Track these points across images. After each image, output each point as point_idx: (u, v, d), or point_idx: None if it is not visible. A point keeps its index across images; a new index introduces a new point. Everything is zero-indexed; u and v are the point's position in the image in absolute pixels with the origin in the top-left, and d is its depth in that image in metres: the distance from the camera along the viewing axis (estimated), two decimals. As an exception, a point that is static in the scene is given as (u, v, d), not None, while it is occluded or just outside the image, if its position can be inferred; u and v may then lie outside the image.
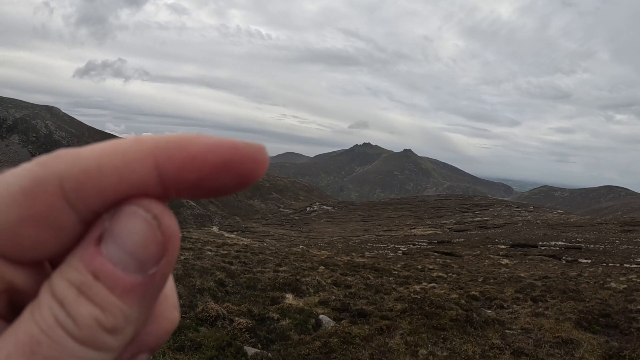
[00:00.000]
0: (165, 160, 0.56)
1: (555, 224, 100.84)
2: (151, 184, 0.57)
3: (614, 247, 59.79)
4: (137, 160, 0.56)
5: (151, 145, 0.56)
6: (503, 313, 16.64)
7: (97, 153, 0.56)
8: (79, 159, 0.56)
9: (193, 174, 0.56)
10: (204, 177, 0.57)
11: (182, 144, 0.56)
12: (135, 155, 0.56)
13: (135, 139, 0.57)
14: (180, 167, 0.56)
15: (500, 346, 11.49)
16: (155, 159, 0.56)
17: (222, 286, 14.38)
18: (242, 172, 0.58)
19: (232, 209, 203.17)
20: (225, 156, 0.57)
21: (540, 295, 20.03)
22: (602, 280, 29.11)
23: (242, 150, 0.58)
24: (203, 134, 0.57)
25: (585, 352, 11.66)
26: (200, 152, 0.56)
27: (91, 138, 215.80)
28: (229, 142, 0.57)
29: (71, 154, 0.56)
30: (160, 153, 0.56)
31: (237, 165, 0.57)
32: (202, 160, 0.56)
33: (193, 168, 0.56)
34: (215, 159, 0.56)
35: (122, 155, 0.55)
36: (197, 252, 22.47)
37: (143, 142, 0.56)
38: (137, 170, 0.56)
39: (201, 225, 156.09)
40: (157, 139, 0.56)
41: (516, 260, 47.26)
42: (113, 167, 0.56)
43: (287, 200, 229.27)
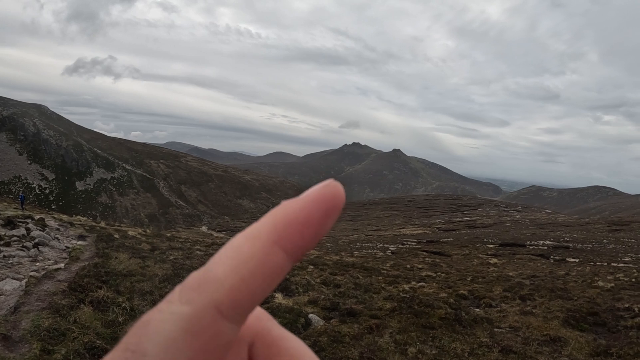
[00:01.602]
0: (288, 245, 0.67)
1: (544, 224, 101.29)
2: (287, 265, 0.68)
3: (601, 246, 60.15)
4: (268, 256, 0.67)
5: (270, 237, 0.67)
6: (491, 312, 16.70)
7: (231, 265, 0.68)
8: (222, 279, 0.68)
9: (310, 239, 0.67)
10: (318, 236, 0.68)
11: (291, 223, 0.67)
12: (264, 254, 0.67)
13: (248, 237, 0.68)
14: (300, 242, 0.67)
15: (488, 344, 11.52)
16: (281, 247, 0.67)
17: (212, 285, 14.34)
18: (337, 211, 0.67)
19: (221, 209, 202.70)
20: (324, 210, 0.67)
21: (529, 294, 20.11)
22: (589, 279, 29.28)
23: (331, 195, 0.67)
24: (290, 201, 0.67)
25: (573, 350, 11.73)
26: (308, 221, 0.67)
27: (80, 137, 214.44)
28: (319, 196, 0.67)
29: (210, 279, 0.68)
30: (281, 241, 0.67)
31: (333, 211, 0.67)
32: (313, 226, 0.67)
33: (309, 235, 0.67)
34: (320, 218, 0.67)
35: (256, 259, 0.68)
36: (187, 252, 22.39)
37: (260, 239, 0.67)
38: (271, 264, 0.67)
39: (190, 225, 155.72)
40: (268, 230, 0.67)
41: (505, 259, 47.41)
42: (253, 271, 0.68)
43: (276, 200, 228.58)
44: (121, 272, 13.97)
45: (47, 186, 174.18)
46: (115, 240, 22.39)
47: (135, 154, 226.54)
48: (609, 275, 31.55)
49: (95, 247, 19.11)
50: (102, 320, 9.08)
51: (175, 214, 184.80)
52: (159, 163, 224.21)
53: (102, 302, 10.02)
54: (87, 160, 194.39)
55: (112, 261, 15.57)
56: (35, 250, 16.53)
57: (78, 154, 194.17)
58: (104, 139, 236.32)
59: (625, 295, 20.64)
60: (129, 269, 14.46)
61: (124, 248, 19.54)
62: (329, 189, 0.66)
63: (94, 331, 8.40)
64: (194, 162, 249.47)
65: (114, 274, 13.56)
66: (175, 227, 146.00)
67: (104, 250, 18.23)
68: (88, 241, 21.19)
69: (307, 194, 0.67)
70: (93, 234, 23.38)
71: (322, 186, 0.67)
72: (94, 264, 14.54)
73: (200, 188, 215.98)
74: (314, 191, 0.67)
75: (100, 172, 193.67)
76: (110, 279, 12.82)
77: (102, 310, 9.67)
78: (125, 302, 10.21)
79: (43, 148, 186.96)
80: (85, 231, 24.48)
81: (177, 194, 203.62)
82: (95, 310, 9.51)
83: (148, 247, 21.69)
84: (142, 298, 11.34)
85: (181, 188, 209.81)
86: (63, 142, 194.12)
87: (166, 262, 17.49)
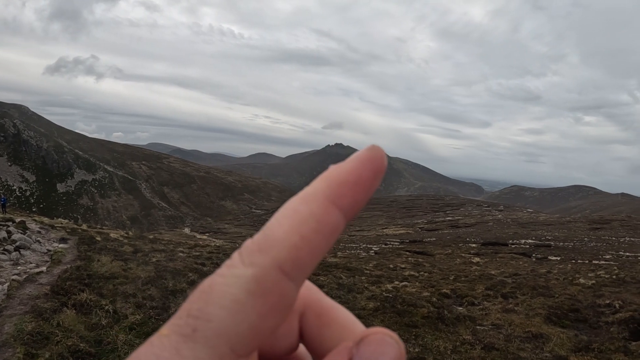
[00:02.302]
0: (342, 202, 0.69)
1: (526, 223, 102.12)
2: (342, 223, 0.69)
3: (582, 244, 60.83)
4: (325, 215, 0.70)
5: (326, 197, 0.70)
6: (474, 310, 16.85)
7: (290, 225, 0.70)
8: (282, 239, 0.69)
9: (362, 197, 0.69)
10: (368, 194, 0.70)
11: (344, 183, 0.70)
12: (322, 213, 0.70)
13: (304, 199, 0.70)
14: (353, 200, 0.69)
15: (471, 341, 11.66)
16: (336, 206, 0.69)
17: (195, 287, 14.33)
18: (382, 170, 0.69)
19: (204, 210, 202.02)
20: (373, 170, 0.69)
21: (511, 292, 20.30)
22: (571, 276, 29.58)
23: (378, 157, 0.69)
24: (340, 164, 0.70)
25: (554, 346, 11.89)
26: (359, 180, 0.70)
27: (61, 138, 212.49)
28: (367, 157, 0.70)
29: (271, 240, 0.69)
30: (336, 200, 0.70)
31: (380, 171, 0.69)
32: (364, 184, 0.69)
33: (361, 194, 0.69)
34: (369, 177, 0.69)
35: (314, 218, 0.70)
36: (169, 254, 22.32)
37: (317, 199, 0.70)
38: (329, 221, 0.69)
39: (173, 227, 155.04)
40: (322, 191, 0.70)
41: (487, 258, 47.72)
42: (313, 229, 0.70)
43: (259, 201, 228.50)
44: (103, 274, 13.93)
45: (27, 188, 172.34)
46: (97, 242, 22.28)
47: (117, 155, 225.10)
48: (590, 273, 31.88)
49: (77, 250, 19.01)
50: (85, 324, 9.06)
51: (157, 215, 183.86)
52: (141, 164, 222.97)
53: (85, 305, 10.00)
54: (68, 162, 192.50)
55: (95, 264, 15.51)
56: (17, 253, 16.43)
57: (59, 155, 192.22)
58: (85, 140, 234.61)
59: (606, 292, 20.91)
60: (112, 272, 14.41)
61: (106, 251, 19.46)
62: (374, 151, 0.69)
63: (77, 334, 8.38)
64: (177, 163, 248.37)
65: (97, 276, 13.53)
66: (158, 229, 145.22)
67: (86, 253, 18.15)
68: (70, 244, 21.07)
69: (356, 157, 0.69)
70: (75, 237, 23.24)
71: (368, 149, 0.69)
72: (76, 267, 14.48)
73: (182, 189, 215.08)
74: (362, 154, 0.69)
75: (82, 174, 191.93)
76: (92, 281, 12.78)
77: (85, 313, 9.65)
78: (108, 305, 10.19)
79: (23, 149, 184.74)
80: (67, 234, 24.32)
81: (159, 195, 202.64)
82: (78, 314, 9.48)
83: (130, 249, 21.59)
84: (125, 300, 11.32)
85: (163, 189, 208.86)
86: (44, 143, 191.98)
87: (149, 264, 17.45)
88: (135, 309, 10.67)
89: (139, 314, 10.07)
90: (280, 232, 0.70)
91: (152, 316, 10.14)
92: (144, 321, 9.62)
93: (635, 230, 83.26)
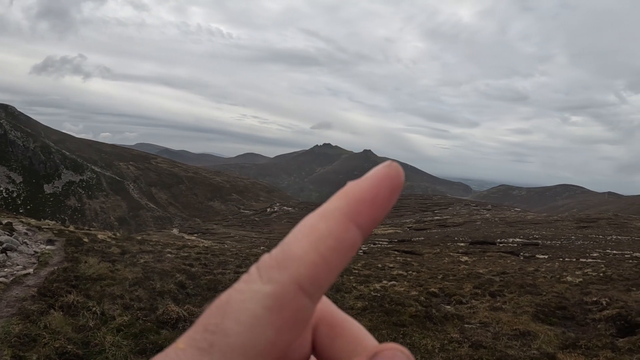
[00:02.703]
0: (360, 219, 0.72)
1: (513, 222, 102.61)
2: (359, 240, 0.72)
3: (570, 242, 61.21)
4: (344, 232, 0.72)
5: (344, 214, 0.72)
6: (462, 308, 16.93)
7: (309, 243, 0.72)
8: (301, 257, 0.72)
9: (379, 215, 0.72)
10: (386, 212, 0.73)
11: (362, 201, 0.73)
12: (340, 230, 0.72)
13: (323, 216, 0.72)
14: (371, 217, 0.72)
15: (459, 340, 11.73)
16: (354, 224, 0.72)
17: (183, 288, 14.31)
18: (399, 188, 0.73)
19: (192, 211, 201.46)
20: (390, 188, 0.72)
21: (498, 290, 20.40)
22: (558, 274, 29.76)
23: (395, 174, 0.73)
24: (357, 181, 0.73)
25: (542, 343, 11.98)
26: (377, 198, 0.73)
27: (48, 138, 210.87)
28: (385, 175, 0.73)
29: (290, 257, 0.72)
30: (354, 217, 0.72)
31: (397, 188, 0.72)
32: (382, 202, 0.72)
33: (378, 211, 0.72)
34: (387, 195, 0.72)
35: (332, 235, 0.72)
36: (157, 255, 22.26)
37: (335, 217, 0.73)
38: (347, 239, 0.72)
39: (161, 228, 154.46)
40: (341, 208, 0.73)
41: (475, 257, 47.93)
42: (331, 247, 0.72)
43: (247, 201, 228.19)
44: (91, 276, 13.87)
45: (14, 189, 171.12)
46: (85, 244, 22.16)
47: (105, 155, 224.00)
48: (577, 271, 32.10)
49: (64, 252, 18.91)
50: (72, 325, 9.03)
51: (145, 216, 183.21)
52: (129, 165, 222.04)
53: (72, 307, 9.96)
54: (55, 163, 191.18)
55: (82, 265, 15.43)
56: (4, 255, 16.30)
57: (46, 156, 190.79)
58: (72, 141, 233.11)
59: (593, 290, 21.05)
60: (99, 273, 14.35)
61: (93, 252, 19.36)
62: (392, 169, 0.72)
63: (64, 336, 8.35)
64: (165, 163, 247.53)
65: (84, 278, 13.47)
66: (146, 230, 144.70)
67: (73, 254, 18.05)
68: (57, 245, 20.94)
69: (373, 174, 0.72)
70: (62, 238, 23.08)
71: (385, 166, 0.72)
72: (63, 269, 14.41)
73: (170, 190, 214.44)
74: (379, 171, 0.72)
75: (69, 175, 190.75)
76: (80, 283, 12.73)
77: (73, 315, 9.61)
78: (95, 307, 10.15)
79: (10, 150, 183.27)
80: (54, 235, 24.15)
81: (147, 196, 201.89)
82: (65, 315, 9.45)
83: (118, 250, 21.50)
84: (113, 302, 11.29)
85: (151, 190, 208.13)
86: (31, 143, 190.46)
87: (136, 265, 17.40)
88: (122, 310, 10.64)
89: (127, 316, 10.04)
90: (298, 250, 0.71)
91: (139, 317, 10.12)
92: (132, 322, 9.60)
93: (621, 228, 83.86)
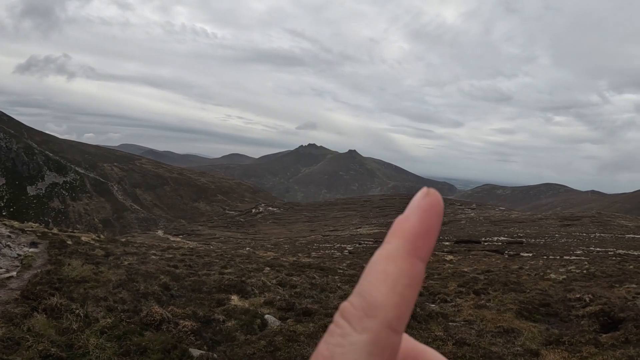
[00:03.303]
0: (421, 253, 0.83)
1: (498, 221, 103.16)
2: (424, 269, 0.82)
3: (554, 240, 61.70)
4: (412, 269, 0.83)
5: (407, 252, 0.83)
6: (446, 306, 17.04)
7: (387, 287, 0.82)
8: (385, 302, 0.81)
9: (434, 242, 0.83)
10: (437, 237, 0.83)
11: (418, 235, 0.83)
12: (409, 268, 0.83)
13: (389, 258, 0.83)
14: (429, 248, 0.83)
15: (443, 338, 11.84)
16: (418, 258, 0.82)
17: (167, 290, 14.31)
18: (442, 213, 0.82)
19: (177, 212, 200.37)
20: (436, 216, 0.82)
21: (483, 288, 20.54)
22: (542, 272, 30.08)
23: (436, 202, 0.83)
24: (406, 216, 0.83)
25: (526, 340, 12.11)
26: (429, 229, 0.83)
27: (31, 139, 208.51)
28: (429, 206, 0.83)
29: (375, 305, 0.82)
30: (416, 253, 0.83)
31: (440, 214, 0.82)
32: (434, 232, 0.83)
33: (433, 240, 0.83)
34: (435, 223, 0.82)
35: (404, 275, 0.82)
36: (142, 257, 22.20)
37: (401, 257, 0.83)
38: (416, 274, 0.83)
39: (146, 229, 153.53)
40: (403, 247, 0.83)
41: (460, 256, 48.18)
42: (406, 285, 0.82)
43: (232, 202, 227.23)
44: (74, 278, 13.84)
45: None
46: (68, 246, 22.06)
47: (88, 156, 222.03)
48: (561, 268, 32.44)
49: (47, 254, 18.82)
50: (56, 328, 9.04)
51: (130, 218, 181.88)
52: (113, 166, 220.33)
53: (56, 310, 9.95)
54: (38, 164, 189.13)
55: (65, 268, 15.38)
56: (-14, 258, 16.24)
57: (29, 157, 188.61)
58: (55, 142, 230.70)
59: (576, 286, 21.30)
60: (82, 275, 14.32)
61: (77, 254, 19.29)
62: (433, 197, 0.83)
63: (48, 339, 8.36)
64: (149, 164, 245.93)
65: (67, 280, 13.44)
66: (131, 231, 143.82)
67: (57, 257, 17.97)
68: (40, 248, 20.83)
69: (419, 206, 0.83)
70: (45, 241, 22.95)
71: (426, 195, 0.83)
72: (47, 271, 14.37)
73: (155, 191, 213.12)
74: (423, 202, 0.83)
75: (52, 176, 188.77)
76: (63, 285, 12.71)
77: (56, 318, 9.61)
78: (79, 309, 10.16)
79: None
80: (38, 238, 24.00)
81: (131, 197, 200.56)
82: (49, 318, 9.45)
83: (102, 252, 21.43)
84: (96, 304, 11.29)
85: (136, 191, 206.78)
86: (13, 144, 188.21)
87: (120, 267, 17.37)
88: (106, 312, 10.65)
89: (110, 318, 10.05)
90: (380, 296, 0.81)
91: (123, 319, 10.13)
92: (115, 324, 9.62)
93: (605, 226, 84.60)
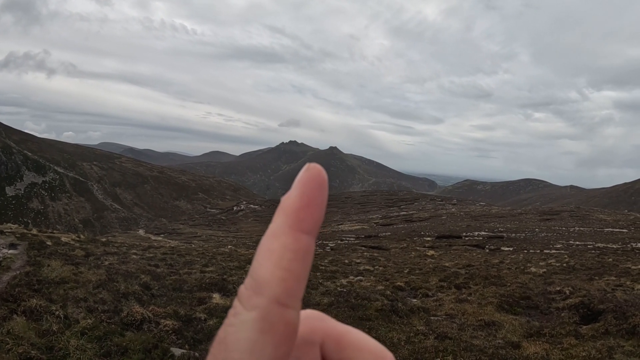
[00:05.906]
0: (304, 225, 0.82)
1: (478, 216, 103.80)
2: (312, 242, 0.82)
3: (534, 235, 62.29)
4: (295, 243, 0.82)
5: (290, 227, 0.81)
6: (428, 301, 17.16)
7: (271, 264, 0.81)
8: (270, 279, 0.81)
9: (319, 214, 0.83)
10: (323, 209, 0.83)
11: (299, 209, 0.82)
12: (292, 242, 0.82)
13: (273, 236, 0.82)
14: (312, 220, 0.82)
15: (424, 332, 11.91)
16: (301, 231, 0.82)
17: (148, 289, 14.23)
18: (325, 184, 0.82)
19: (158, 211, 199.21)
20: (317, 188, 0.82)
21: (464, 283, 20.71)
22: (522, 265, 30.36)
23: (316, 174, 0.81)
24: (288, 194, 0.82)
25: (507, 332, 12.24)
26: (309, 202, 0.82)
27: (8, 138, 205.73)
28: (307, 179, 0.82)
29: (261, 282, 0.81)
30: (299, 226, 0.82)
31: (323, 186, 0.82)
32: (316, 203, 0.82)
33: (316, 212, 0.82)
34: (316, 195, 0.82)
35: (287, 249, 0.82)
36: (122, 257, 22.07)
37: (283, 233, 0.81)
38: (301, 247, 0.82)
39: (127, 229, 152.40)
40: (284, 223, 0.82)
41: (441, 251, 48.44)
42: (290, 259, 0.81)
43: (213, 200, 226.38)
44: (54, 279, 13.72)
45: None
46: (48, 247, 21.86)
47: (68, 155, 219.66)
48: (541, 262, 32.76)
49: (26, 256, 18.63)
50: (36, 330, 8.94)
51: (110, 217, 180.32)
52: (92, 165, 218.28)
53: (35, 312, 9.85)
54: (16, 164, 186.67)
55: (45, 269, 15.24)
56: (-37, 260, 16.04)
57: (7, 157, 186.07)
58: (34, 141, 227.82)
59: (556, 279, 21.56)
60: (62, 276, 14.20)
61: (56, 255, 19.12)
62: (313, 170, 0.80)
63: (28, 341, 8.27)
64: (129, 163, 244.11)
65: (47, 282, 13.31)
66: (111, 231, 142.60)
67: (36, 258, 17.79)
68: (19, 249, 20.61)
69: (299, 181, 0.81)
70: (24, 242, 22.70)
71: (306, 170, 0.81)
72: (26, 273, 14.22)
73: (135, 190, 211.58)
74: (303, 177, 0.81)
75: (31, 176, 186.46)
76: (42, 287, 12.59)
77: (36, 320, 9.51)
78: (58, 310, 10.06)
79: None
80: (16, 239, 23.74)
81: (112, 196, 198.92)
82: (28, 320, 9.35)
83: (82, 253, 21.25)
84: (76, 305, 11.19)
85: (116, 190, 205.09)
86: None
87: (100, 267, 17.24)
88: (86, 313, 10.56)
89: (91, 318, 9.96)
90: (265, 273, 0.81)
91: (103, 320, 10.06)
92: (96, 325, 9.54)
93: (584, 220, 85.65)
